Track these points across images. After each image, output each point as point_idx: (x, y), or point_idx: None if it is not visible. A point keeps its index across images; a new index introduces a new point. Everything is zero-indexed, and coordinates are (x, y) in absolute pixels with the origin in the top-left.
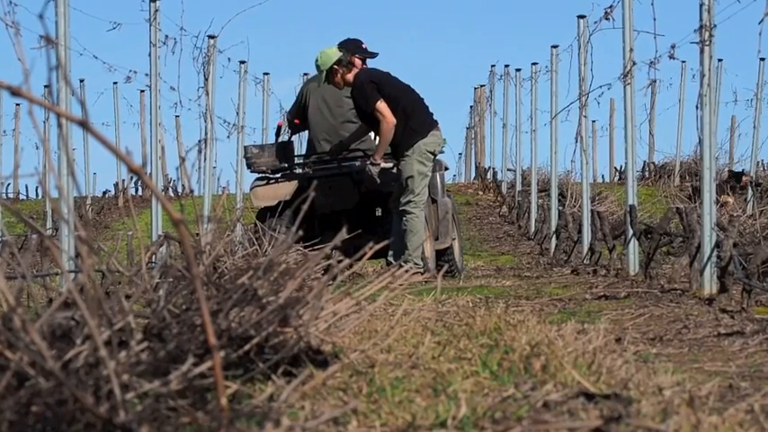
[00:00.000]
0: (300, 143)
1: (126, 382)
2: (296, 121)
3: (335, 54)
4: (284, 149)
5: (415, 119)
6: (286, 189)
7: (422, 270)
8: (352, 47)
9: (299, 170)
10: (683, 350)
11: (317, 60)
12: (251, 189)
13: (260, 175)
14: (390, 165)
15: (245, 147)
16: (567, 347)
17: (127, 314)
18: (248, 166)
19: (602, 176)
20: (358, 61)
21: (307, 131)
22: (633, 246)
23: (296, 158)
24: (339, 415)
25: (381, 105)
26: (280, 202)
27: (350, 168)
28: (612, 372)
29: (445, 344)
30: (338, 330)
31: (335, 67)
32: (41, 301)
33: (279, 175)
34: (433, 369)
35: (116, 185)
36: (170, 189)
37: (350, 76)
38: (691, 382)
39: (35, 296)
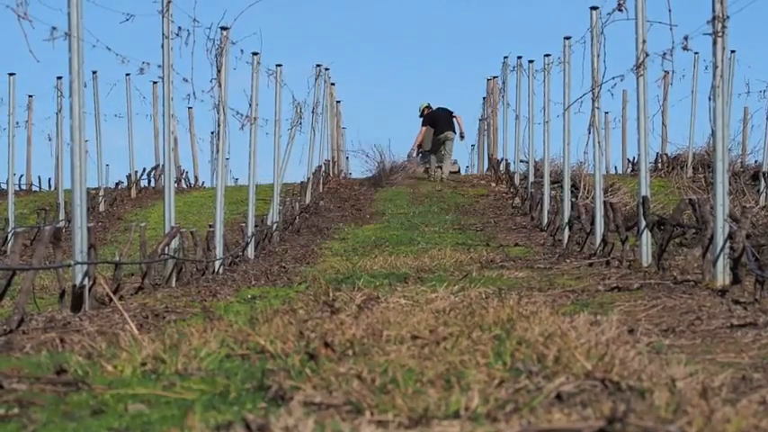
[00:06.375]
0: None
1: None
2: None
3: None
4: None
5: None
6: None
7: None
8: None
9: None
10: (696, 341)
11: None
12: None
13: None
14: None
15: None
16: (580, 339)
17: None
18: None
19: (615, 168)
20: None
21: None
22: (646, 237)
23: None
24: (352, 405)
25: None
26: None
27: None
28: (625, 363)
29: (458, 335)
30: None
31: None
32: (54, 291)
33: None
34: (446, 360)
35: (129, 177)
36: (182, 180)
37: None
38: (704, 374)
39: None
